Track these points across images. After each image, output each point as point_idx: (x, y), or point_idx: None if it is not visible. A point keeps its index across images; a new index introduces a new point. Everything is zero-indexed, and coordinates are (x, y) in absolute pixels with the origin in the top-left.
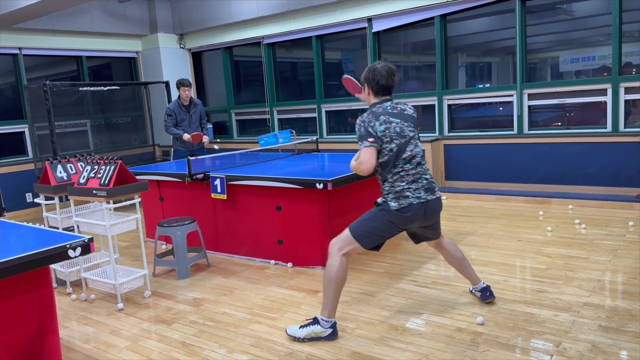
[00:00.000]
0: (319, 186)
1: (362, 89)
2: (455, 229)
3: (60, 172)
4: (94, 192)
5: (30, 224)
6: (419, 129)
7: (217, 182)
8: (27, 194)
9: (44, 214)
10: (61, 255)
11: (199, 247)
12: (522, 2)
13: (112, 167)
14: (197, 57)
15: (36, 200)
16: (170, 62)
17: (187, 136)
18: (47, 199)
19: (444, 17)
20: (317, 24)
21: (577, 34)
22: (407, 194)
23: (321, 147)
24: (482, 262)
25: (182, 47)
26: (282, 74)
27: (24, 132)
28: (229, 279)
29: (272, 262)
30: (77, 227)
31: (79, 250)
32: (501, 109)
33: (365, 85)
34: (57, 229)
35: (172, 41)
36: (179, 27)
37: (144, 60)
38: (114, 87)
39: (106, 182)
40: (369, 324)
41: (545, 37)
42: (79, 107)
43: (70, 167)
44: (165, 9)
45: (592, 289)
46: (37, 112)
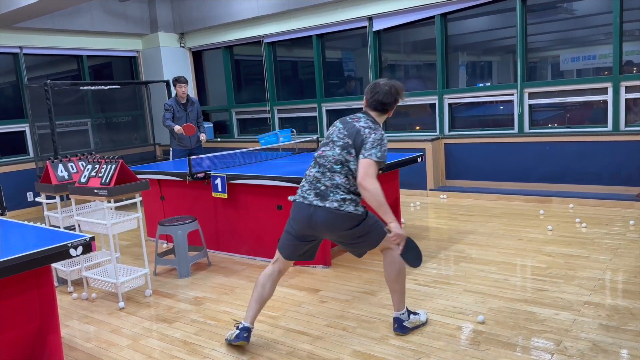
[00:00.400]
0: None
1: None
2: (455, 228)
3: (61, 171)
4: (95, 191)
5: (31, 223)
6: (356, 147)
7: (218, 181)
8: (28, 193)
9: (45, 213)
10: (62, 254)
11: (200, 246)
12: (523, 0)
13: (113, 166)
14: (197, 56)
15: (37, 199)
16: (170, 61)
17: (178, 128)
18: (48, 198)
19: (444, 16)
20: (318, 23)
21: (577, 32)
22: (298, 191)
23: None
24: (482, 261)
25: (183, 46)
26: (283, 73)
27: (24, 132)
28: (230, 278)
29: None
30: (78, 226)
31: (80, 249)
32: (501, 107)
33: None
34: (58, 228)
35: (173, 40)
36: (179, 26)
37: (145, 59)
38: (114, 87)
39: (107, 181)
40: (369, 323)
41: (545, 36)
42: (79, 106)
43: (71, 166)
44: (165, 8)
45: (592, 288)
46: (38, 111)
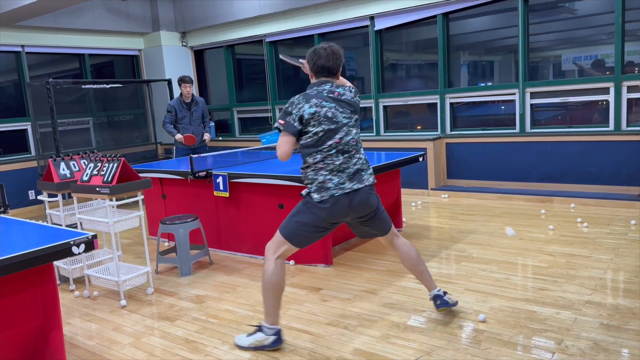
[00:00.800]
0: None
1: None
2: (457, 227)
3: (63, 170)
4: (97, 189)
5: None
6: (358, 116)
7: (220, 179)
8: (29, 192)
9: (47, 211)
10: (65, 252)
11: (202, 245)
12: (525, 0)
13: (115, 165)
14: (199, 55)
15: (39, 197)
16: (172, 60)
17: (179, 136)
18: (50, 196)
19: (446, 15)
20: (319, 22)
21: (579, 32)
22: (328, 185)
23: None
24: (484, 260)
25: (185, 45)
26: (284, 72)
27: (26, 130)
28: (232, 277)
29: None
30: (80, 224)
31: (82, 247)
32: (503, 107)
33: (308, 66)
34: (60, 226)
35: (175, 39)
36: (181, 25)
37: (146, 58)
38: (116, 85)
39: (109, 180)
40: (371, 321)
41: (547, 36)
42: (81, 104)
43: (73, 164)
44: (167, 7)
45: (593, 287)
46: (40, 109)
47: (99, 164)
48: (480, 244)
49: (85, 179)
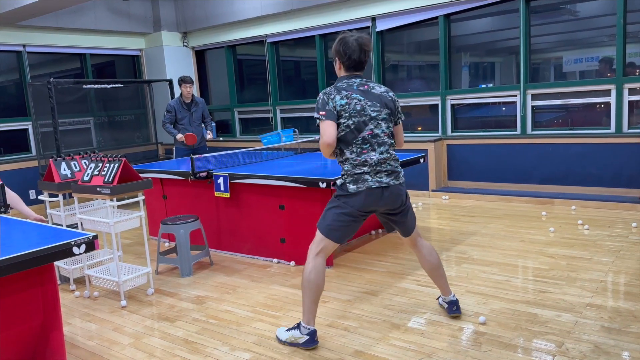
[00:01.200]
0: (322, 185)
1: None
2: (457, 229)
3: (64, 170)
4: (98, 189)
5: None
6: (396, 113)
7: (221, 180)
8: (30, 191)
9: (48, 211)
10: (66, 252)
11: (202, 245)
12: (526, 2)
13: (116, 165)
14: (200, 55)
15: (40, 197)
16: (173, 60)
17: (180, 136)
18: (51, 196)
19: (447, 16)
20: (321, 23)
21: (581, 34)
22: (366, 177)
23: None
24: (484, 262)
25: (186, 46)
26: (285, 73)
27: (27, 130)
28: (232, 277)
29: (275, 260)
30: (81, 224)
31: (83, 247)
32: (504, 109)
33: (336, 58)
34: (61, 226)
35: (176, 39)
36: (182, 25)
37: (148, 58)
38: (117, 85)
39: (110, 180)
40: (371, 323)
41: (549, 38)
42: (82, 104)
43: (74, 164)
44: (169, 7)
45: (594, 290)
46: (41, 109)
47: (100, 164)
48: (481, 245)
49: (86, 179)
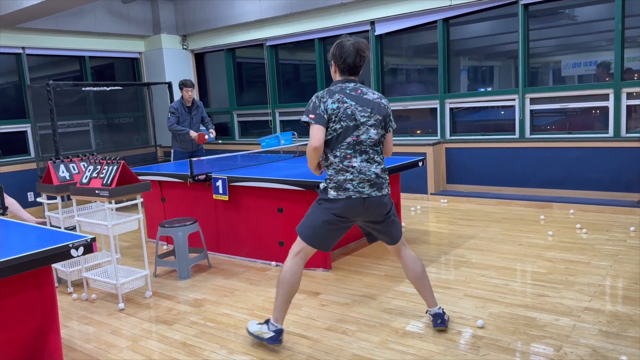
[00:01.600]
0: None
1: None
2: (456, 233)
3: (62, 172)
4: (97, 192)
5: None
6: (387, 120)
7: (219, 183)
8: (29, 193)
9: (46, 214)
10: (64, 254)
11: (200, 248)
12: (525, 6)
13: (115, 167)
14: (199, 58)
15: (38, 199)
16: (173, 63)
17: (193, 134)
18: (49, 198)
19: (446, 20)
20: (320, 26)
21: (579, 38)
22: (348, 185)
23: None
24: (482, 266)
25: (185, 48)
26: (285, 76)
27: (26, 132)
28: (230, 280)
29: (273, 263)
30: (79, 226)
31: (81, 249)
32: (502, 112)
33: (332, 62)
34: (59, 228)
35: (175, 42)
36: (182, 28)
37: (147, 60)
38: (116, 88)
39: (108, 182)
40: (369, 327)
41: (547, 42)
42: (81, 107)
43: (72, 166)
44: (168, 10)
45: (592, 294)
46: (40, 111)
47: (99, 167)
48: (479, 249)
49: (84, 181)
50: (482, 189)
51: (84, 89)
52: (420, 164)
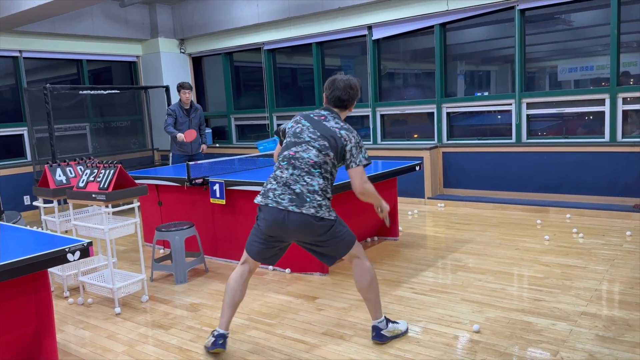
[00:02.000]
0: None
1: None
2: (453, 237)
3: (59, 176)
4: (93, 195)
5: (27, 227)
6: (344, 153)
7: (216, 187)
8: (25, 197)
9: (43, 217)
10: (60, 258)
11: (197, 252)
12: (522, 11)
13: (112, 171)
14: (197, 62)
15: (35, 203)
16: (170, 66)
17: (180, 135)
18: (45, 202)
19: (443, 25)
20: (318, 31)
21: (575, 43)
22: (269, 194)
23: None
24: (479, 270)
25: (183, 52)
26: (282, 80)
27: (23, 135)
28: None
29: (270, 267)
30: (76, 230)
31: (77, 254)
32: (499, 117)
33: (324, 91)
34: (56, 232)
35: (173, 46)
36: (179, 32)
37: (144, 64)
38: (114, 91)
39: (105, 186)
40: (366, 331)
41: (543, 47)
42: (78, 110)
43: (69, 170)
44: (166, 13)
45: (589, 298)
46: (37, 115)
47: (96, 170)
48: (476, 253)
49: (81, 185)
50: (479, 193)
51: (81, 92)
52: (417, 168)
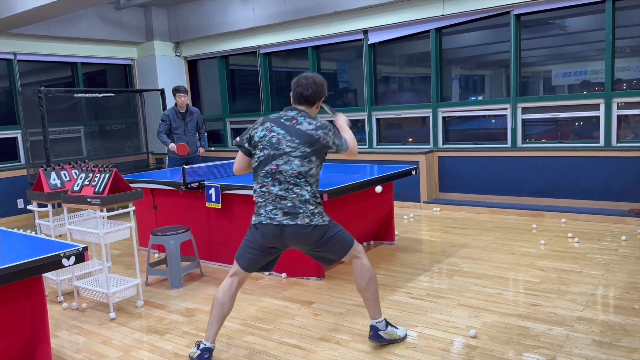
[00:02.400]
0: None
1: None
2: (449, 241)
3: (54, 179)
4: (88, 200)
5: (21, 231)
6: (329, 146)
7: (212, 191)
8: (18, 200)
9: (37, 221)
10: (55, 264)
11: (193, 257)
12: (517, 16)
13: (107, 175)
14: (192, 65)
15: (29, 207)
16: (165, 69)
17: (172, 146)
18: (39, 206)
19: (439, 30)
20: (313, 34)
21: (569, 48)
22: (260, 211)
23: None
24: (475, 275)
25: (178, 55)
26: (278, 83)
27: (16, 138)
28: None
29: (266, 272)
30: (70, 234)
31: (72, 259)
32: (493, 121)
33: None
34: (50, 236)
35: (168, 49)
36: (175, 35)
37: (139, 67)
38: (108, 94)
39: (101, 190)
40: (363, 337)
41: (538, 51)
42: (72, 113)
43: (64, 174)
44: (161, 16)
45: (585, 303)
46: (31, 117)
47: (91, 174)
48: (472, 258)
49: (76, 189)
50: (475, 197)
51: (75, 95)
52: (413, 173)
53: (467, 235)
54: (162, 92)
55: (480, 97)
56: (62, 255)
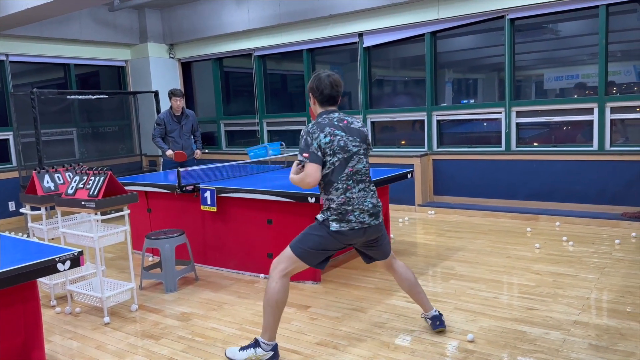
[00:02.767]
0: (311, 200)
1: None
2: (444, 244)
3: (47, 182)
4: (83, 203)
5: (13, 234)
6: (368, 146)
7: (207, 194)
8: (10, 203)
9: (30, 225)
10: (50, 268)
11: (188, 260)
12: (511, 21)
13: (102, 178)
14: (186, 67)
15: (21, 210)
16: (159, 71)
17: (170, 153)
18: (33, 209)
19: (434, 34)
20: (308, 37)
21: (562, 52)
22: (350, 217)
23: None
24: (471, 278)
25: (172, 57)
26: (272, 86)
27: (8, 140)
28: (218, 293)
29: (262, 276)
30: (64, 238)
31: (68, 263)
32: (485, 124)
33: (310, 94)
34: (43, 239)
35: (162, 51)
36: (169, 37)
37: (133, 69)
38: (102, 96)
39: (95, 193)
40: (360, 341)
41: (530, 55)
42: (65, 115)
43: (57, 177)
44: (155, 18)
45: (581, 307)
46: (23, 119)
47: (85, 177)
48: (467, 261)
49: (70, 192)
50: (469, 200)
51: (68, 97)
52: (409, 176)
53: (462, 238)
54: (156, 94)
55: (472, 101)
56: (57, 259)
